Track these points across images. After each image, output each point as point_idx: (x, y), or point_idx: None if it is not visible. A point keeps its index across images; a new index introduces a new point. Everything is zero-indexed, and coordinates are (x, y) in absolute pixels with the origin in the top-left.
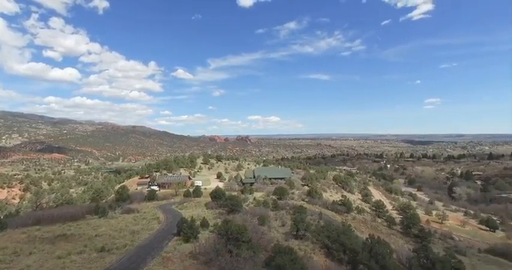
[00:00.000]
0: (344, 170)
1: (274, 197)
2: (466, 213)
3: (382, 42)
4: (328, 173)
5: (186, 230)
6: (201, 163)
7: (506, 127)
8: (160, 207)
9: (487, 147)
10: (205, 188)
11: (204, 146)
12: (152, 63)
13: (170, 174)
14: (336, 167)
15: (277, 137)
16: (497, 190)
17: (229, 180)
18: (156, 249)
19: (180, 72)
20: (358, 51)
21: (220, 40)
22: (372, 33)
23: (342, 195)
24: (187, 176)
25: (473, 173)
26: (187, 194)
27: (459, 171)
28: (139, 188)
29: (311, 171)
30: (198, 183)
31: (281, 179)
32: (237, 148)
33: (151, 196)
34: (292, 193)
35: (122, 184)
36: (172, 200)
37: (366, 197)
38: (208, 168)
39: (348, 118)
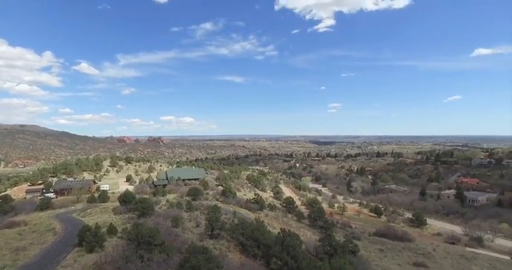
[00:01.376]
0: (257, 169)
1: (188, 198)
2: (360, 204)
3: (293, 50)
4: (242, 172)
5: (89, 238)
6: (109, 166)
7: (390, 129)
8: (58, 216)
9: (375, 147)
10: (113, 192)
11: (111, 147)
12: (48, 53)
13: (71, 179)
14: (249, 167)
15: (191, 138)
16: (383, 182)
17: (140, 183)
18: (50, 265)
19: (84, 66)
20: (271, 56)
21: (132, 35)
22: (284, 40)
23: (255, 194)
24: (91, 180)
25: (366, 169)
26: (91, 200)
27: (355, 168)
28: (28, 196)
29: (225, 171)
30: (105, 187)
31: (195, 179)
32: (149, 149)
33: (45, 205)
34: (207, 193)
35: (2, 194)
36: (73, 207)
37: (277, 194)
38: (117, 171)
39: (261, 120)
